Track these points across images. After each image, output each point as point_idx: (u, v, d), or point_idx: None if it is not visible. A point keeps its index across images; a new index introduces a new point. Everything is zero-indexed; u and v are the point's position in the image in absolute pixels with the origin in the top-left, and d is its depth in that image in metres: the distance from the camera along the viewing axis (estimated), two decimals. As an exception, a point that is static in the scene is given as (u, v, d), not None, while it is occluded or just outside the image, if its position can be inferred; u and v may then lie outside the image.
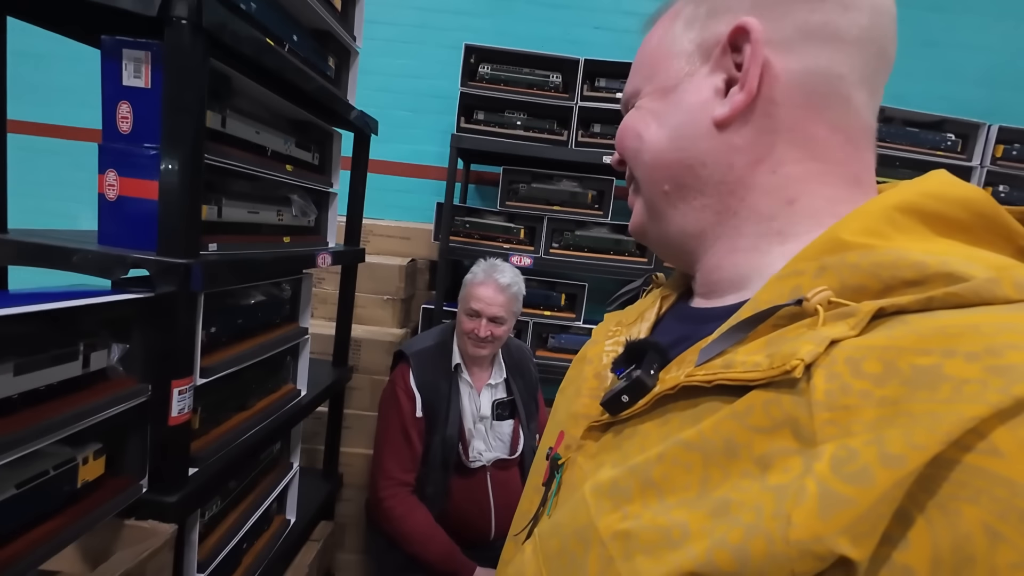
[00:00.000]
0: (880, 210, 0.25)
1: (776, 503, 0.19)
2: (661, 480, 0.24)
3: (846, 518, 0.17)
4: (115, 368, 0.68)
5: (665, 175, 0.34)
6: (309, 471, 1.45)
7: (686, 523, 0.22)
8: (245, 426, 0.94)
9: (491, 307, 1.25)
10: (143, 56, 0.68)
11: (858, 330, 0.21)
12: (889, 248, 0.23)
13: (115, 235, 0.72)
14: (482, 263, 1.35)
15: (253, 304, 0.97)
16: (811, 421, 0.20)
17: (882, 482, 0.17)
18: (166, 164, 0.67)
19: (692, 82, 0.33)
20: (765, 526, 0.19)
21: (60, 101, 2.13)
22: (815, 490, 0.18)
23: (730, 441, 0.22)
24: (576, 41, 2.00)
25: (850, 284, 0.23)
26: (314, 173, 1.14)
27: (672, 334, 0.35)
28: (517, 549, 0.36)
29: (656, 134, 0.34)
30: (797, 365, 0.21)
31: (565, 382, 0.44)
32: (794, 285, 0.25)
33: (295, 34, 0.97)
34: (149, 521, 0.71)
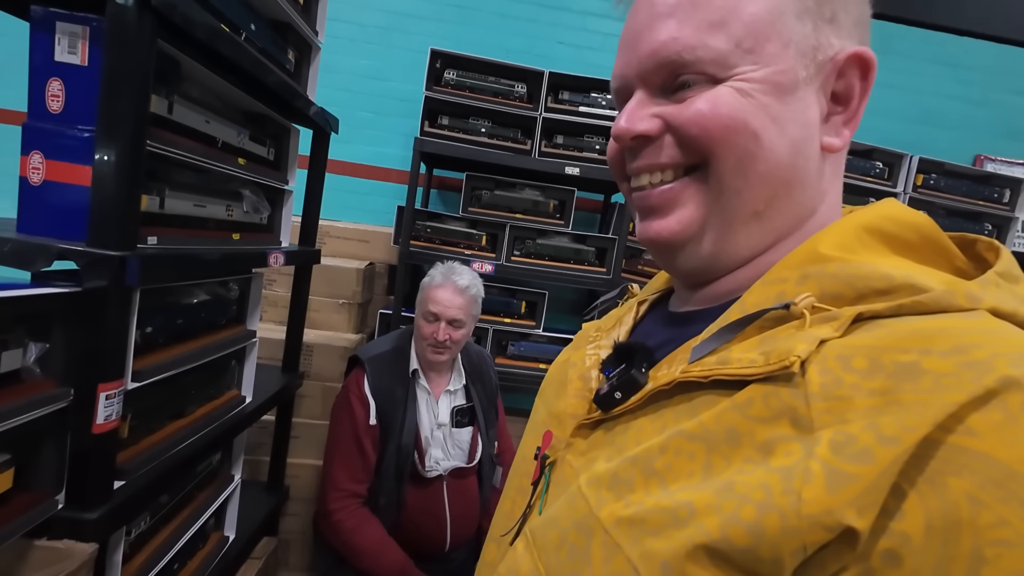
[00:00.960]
0: (851, 229, 0.28)
1: (784, 482, 0.21)
2: (664, 469, 0.26)
3: (852, 492, 0.20)
4: (31, 369, 0.61)
5: (771, 192, 0.30)
6: (252, 484, 1.37)
7: (691, 502, 0.23)
8: (181, 435, 0.87)
9: (449, 309, 1.23)
10: (80, 31, 0.63)
11: (841, 332, 0.24)
12: (861, 262, 0.26)
13: (38, 223, 0.66)
14: (440, 266, 1.33)
15: (196, 304, 0.91)
16: (808, 410, 0.22)
17: (881, 459, 0.20)
18: (102, 148, 0.62)
19: (806, 92, 0.30)
20: (777, 503, 0.21)
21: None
22: (820, 470, 0.21)
23: (732, 431, 0.24)
24: (540, 55, 2.04)
25: (829, 291, 0.26)
26: (269, 168, 1.09)
27: (656, 336, 0.36)
28: (504, 549, 0.36)
29: (778, 142, 0.29)
30: (795, 361, 0.23)
31: (544, 384, 0.45)
32: (779, 291, 0.28)
33: (253, 23, 0.93)
34: (64, 541, 0.63)
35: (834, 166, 0.33)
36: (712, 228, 0.31)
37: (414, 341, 1.32)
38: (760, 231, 0.31)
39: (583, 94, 1.74)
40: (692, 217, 0.31)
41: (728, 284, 0.33)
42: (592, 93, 1.74)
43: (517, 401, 2.11)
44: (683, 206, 0.31)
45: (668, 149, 0.31)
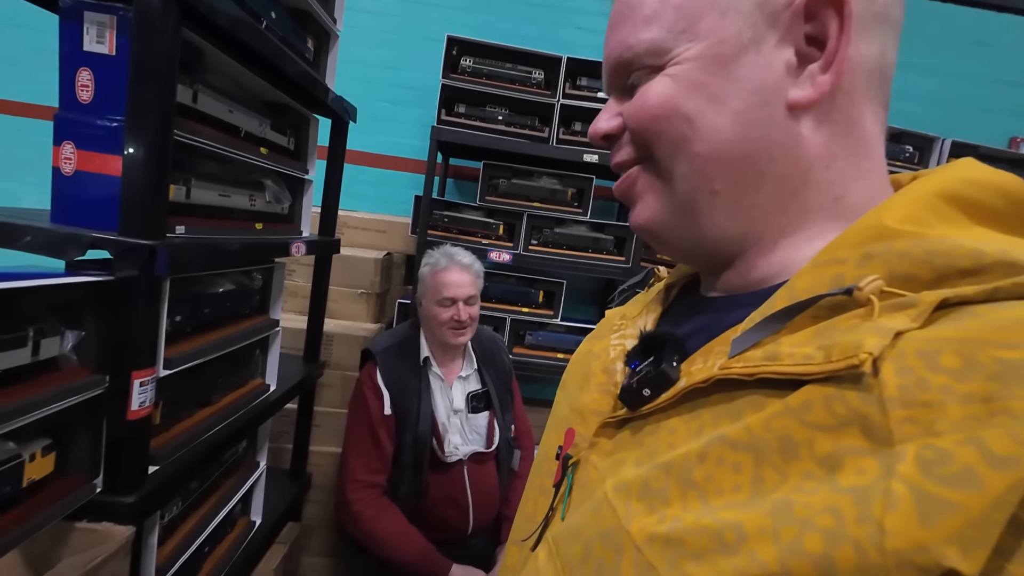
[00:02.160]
0: (921, 197, 0.24)
1: (859, 506, 0.18)
2: (704, 481, 0.23)
3: (954, 525, 0.16)
4: (68, 357, 0.63)
5: (722, 171, 0.29)
6: (276, 471, 1.39)
7: (740, 524, 0.20)
8: (209, 422, 0.89)
9: (463, 288, 1.25)
10: (107, 20, 0.63)
11: (920, 322, 0.20)
12: (940, 236, 0.22)
13: (71, 213, 0.66)
14: (433, 254, 1.33)
15: (221, 293, 0.91)
16: (885, 419, 0.18)
17: (994, 486, 0.16)
18: (131, 138, 0.63)
19: (757, 52, 0.27)
20: (851, 532, 0.17)
21: (2, 74, 1.96)
22: (907, 494, 0.17)
23: (786, 440, 0.21)
24: (558, 41, 2.00)
25: (899, 273, 0.22)
26: (289, 158, 1.09)
27: (687, 325, 0.33)
28: (525, 555, 0.34)
29: (716, 120, 0.28)
30: (866, 359, 0.19)
31: (566, 377, 0.42)
32: (835, 273, 0.24)
33: (273, 11, 0.92)
34: (103, 524, 0.65)
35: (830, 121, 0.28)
36: (678, 213, 0.31)
37: (427, 332, 1.32)
38: (739, 208, 0.29)
39: (601, 80, 1.70)
40: (655, 206, 0.32)
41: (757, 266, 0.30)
42: (611, 79, 1.70)
43: (535, 391, 2.11)
44: (644, 196, 0.32)
45: (625, 146, 0.33)
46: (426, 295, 1.29)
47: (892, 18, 0.27)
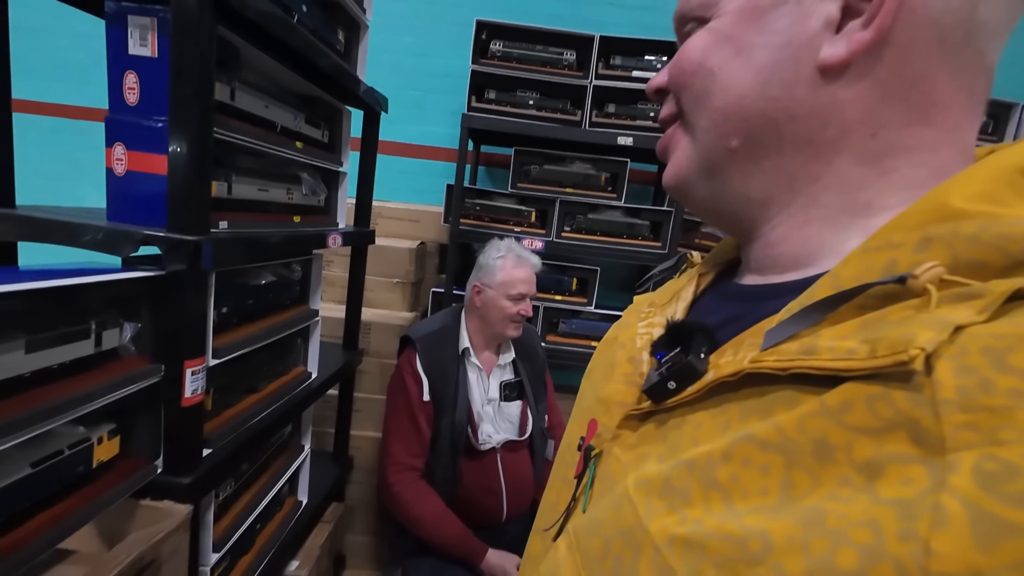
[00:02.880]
0: (997, 172, 0.20)
1: (901, 522, 0.16)
2: (729, 482, 0.21)
3: (1018, 551, 0.14)
4: (127, 347, 0.67)
5: (739, 128, 0.28)
6: (319, 454, 1.45)
7: (766, 532, 0.19)
8: (256, 408, 0.93)
9: (533, 286, 1.31)
10: (149, 23, 0.65)
11: (987, 314, 0.17)
12: (1017, 217, 0.19)
13: (124, 211, 0.70)
14: (500, 247, 1.34)
15: (264, 285, 0.95)
16: (938, 424, 0.16)
17: None
18: (174, 137, 0.65)
19: (798, 4, 0.26)
20: (891, 551, 0.16)
21: (59, 78, 2.09)
22: (962, 512, 0.15)
23: (822, 442, 0.19)
24: (590, 19, 1.93)
25: (965, 260, 0.19)
26: (324, 151, 1.11)
27: (718, 314, 0.31)
28: (547, 545, 0.34)
29: (738, 74, 0.27)
30: (917, 355, 0.17)
31: (592, 365, 0.41)
32: (888, 259, 0.21)
33: (304, 4, 0.93)
34: (164, 502, 0.70)
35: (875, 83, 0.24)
36: (700, 170, 0.31)
37: (480, 321, 1.33)
38: (758, 169, 0.28)
39: (636, 57, 1.64)
40: (681, 160, 0.32)
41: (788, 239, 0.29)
42: (646, 55, 1.63)
43: (568, 379, 2.10)
44: (674, 151, 0.33)
45: (668, 102, 0.33)
46: (496, 287, 1.29)
47: None
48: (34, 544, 0.52)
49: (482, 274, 1.32)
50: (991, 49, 0.24)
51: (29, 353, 0.52)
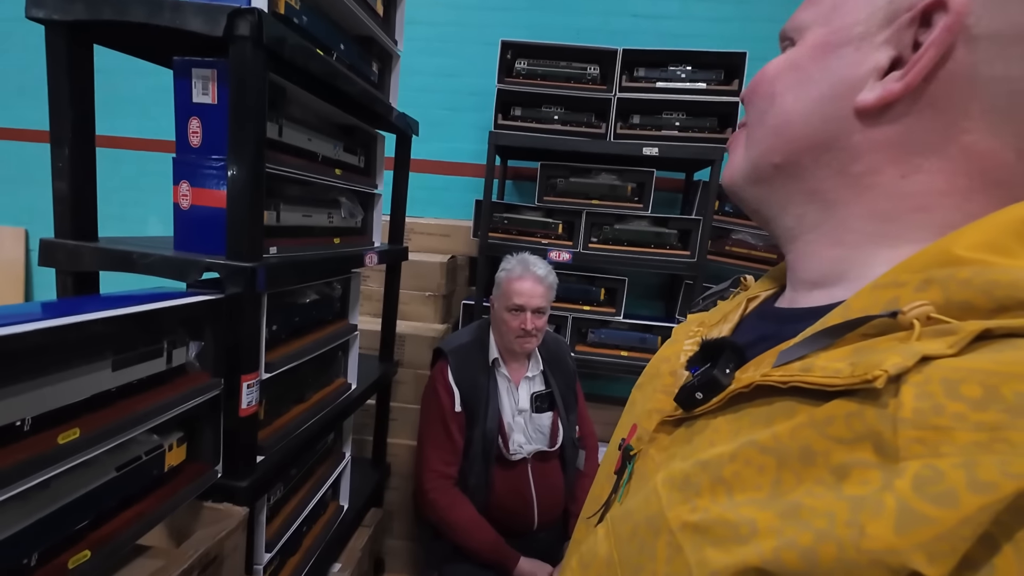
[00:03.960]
0: (1007, 223, 0.22)
1: (850, 512, 0.20)
2: (732, 478, 0.25)
3: (923, 535, 0.18)
4: (192, 364, 0.74)
5: (783, 148, 0.31)
6: (359, 460, 1.52)
7: (754, 520, 0.22)
8: (303, 417, 1.00)
9: (533, 299, 1.28)
10: (210, 74, 0.73)
11: (957, 349, 0.20)
12: (1009, 266, 0.21)
13: (189, 241, 0.78)
14: (511, 259, 1.36)
15: (308, 303, 1.02)
16: (895, 437, 0.20)
17: (967, 506, 0.17)
18: (232, 174, 0.72)
19: (857, 48, 0.28)
20: (837, 533, 0.19)
21: (124, 114, 2.28)
22: (893, 505, 0.19)
23: (807, 448, 0.22)
24: (615, 31, 1.96)
25: (956, 301, 0.22)
26: (360, 176, 1.18)
27: (752, 333, 0.35)
28: (589, 530, 0.38)
29: (792, 101, 0.30)
30: (880, 376, 0.20)
31: (642, 378, 0.46)
32: (892, 296, 0.24)
33: (342, 42, 1.00)
34: (224, 504, 0.77)
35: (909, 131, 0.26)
36: (747, 176, 0.34)
37: (496, 334, 1.37)
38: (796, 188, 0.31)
39: (660, 68, 1.65)
40: (734, 164, 0.35)
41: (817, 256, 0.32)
42: (669, 66, 1.65)
43: (598, 388, 2.11)
44: (732, 154, 0.36)
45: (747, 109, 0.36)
46: (499, 299, 1.34)
47: None
48: (121, 538, 0.59)
49: (494, 287, 1.37)
50: None
51: (115, 371, 0.60)
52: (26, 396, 0.49)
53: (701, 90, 1.63)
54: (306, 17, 0.86)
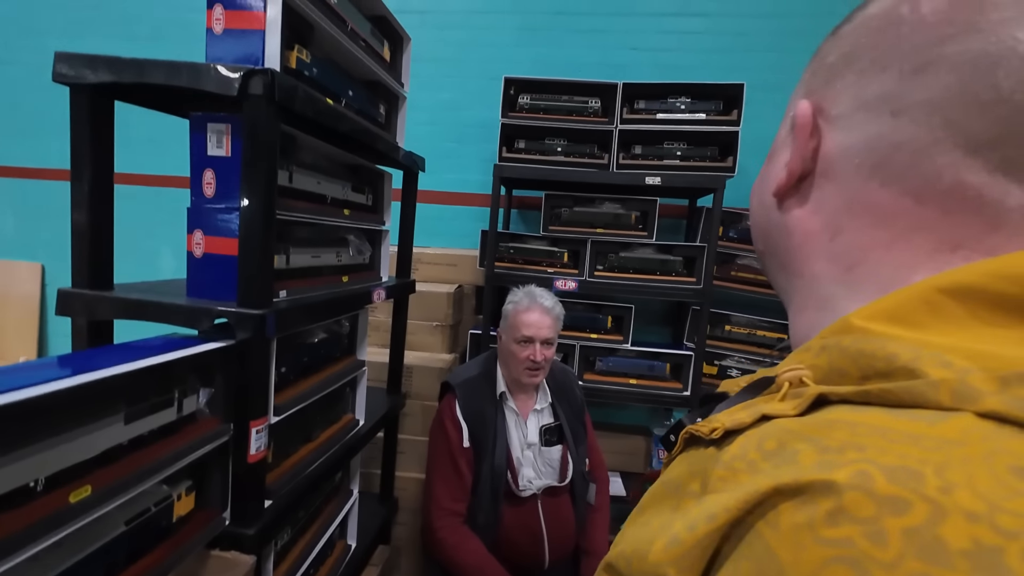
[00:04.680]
0: (920, 292, 0.24)
1: (659, 531, 0.24)
2: (646, 503, 0.30)
3: (675, 554, 0.22)
4: (202, 411, 0.75)
5: (757, 236, 0.38)
6: (366, 495, 1.51)
7: (624, 532, 0.28)
8: (311, 457, 1.00)
9: (541, 330, 1.29)
10: (224, 128, 0.76)
11: (798, 411, 0.24)
12: (881, 336, 0.23)
13: (201, 288, 0.80)
14: (517, 291, 1.37)
15: (316, 342, 1.03)
16: (710, 476, 0.24)
17: (700, 532, 0.22)
18: (244, 223, 0.74)
19: (780, 153, 0.34)
20: (643, 546, 0.24)
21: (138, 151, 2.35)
22: (675, 528, 0.23)
23: (679, 480, 0.27)
24: (614, 64, 2.01)
25: (836, 367, 0.24)
26: (368, 213, 1.21)
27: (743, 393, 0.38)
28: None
29: (754, 205, 0.38)
30: (716, 428, 0.26)
31: None
32: (799, 360, 0.27)
33: (350, 89, 1.04)
34: (231, 552, 0.76)
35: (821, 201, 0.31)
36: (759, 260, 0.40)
37: (503, 366, 1.36)
38: (774, 269, 0.36)
39: (659, 100, 1.69)
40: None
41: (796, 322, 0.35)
42: (668, 98, 1.68)
43: (608, 416, 2.09)
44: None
45: None
46: (507, 331, 1.34)
47: (899, 99, 0.27)
48: (128, 596, 0.59)
49: (501, 320, 1.38)
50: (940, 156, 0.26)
51: (128, 424, 0.60)
52: (41, 456, 0.50)
53: (701, 120, 1.65)
54: (316, 69, 0.89)
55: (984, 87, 0.24)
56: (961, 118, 0.26)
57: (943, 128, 0.26)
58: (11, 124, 2.49)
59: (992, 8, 0.24)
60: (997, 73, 0.24)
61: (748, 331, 1.90)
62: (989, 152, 0.25)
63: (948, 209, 0.27)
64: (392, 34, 1.20)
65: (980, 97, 0.25)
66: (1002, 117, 0.25)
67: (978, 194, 0.26)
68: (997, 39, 0.24)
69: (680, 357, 1.76)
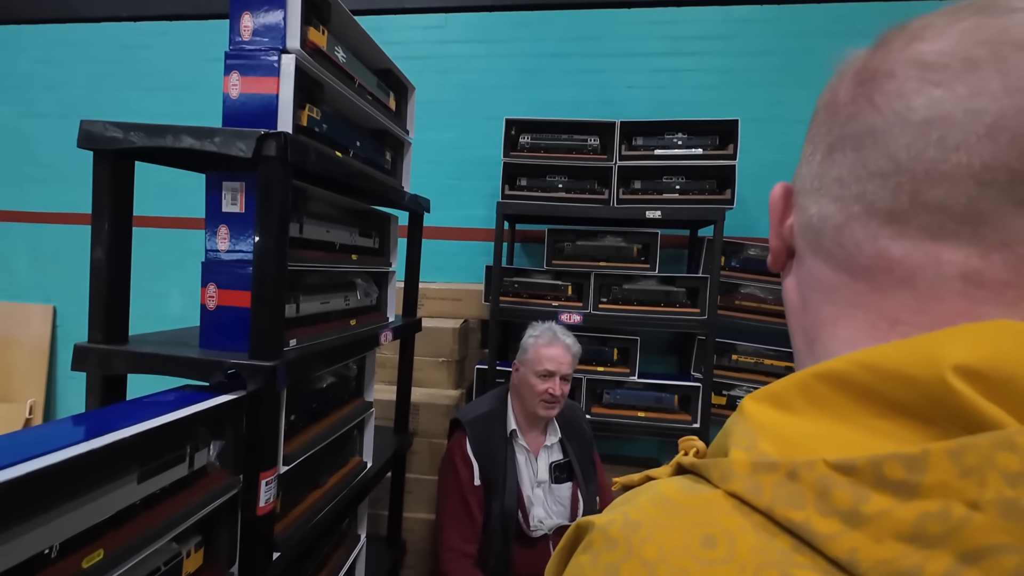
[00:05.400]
0: (802, 377, 0.25)
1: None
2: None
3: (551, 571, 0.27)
4: (213, 464, 0.75)
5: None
6: (373, 538, 1.48)
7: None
8: (319, 504, 0.99)
9: (563, 366, 1.31)
10: (239, 187, 0.79)
11: (667, 475, 0.28)
12: (746, 417, 0.25)
13: (214, 340, 0.82)
14: (538, 327, 1.39)
15: (325, 387, 1.04)
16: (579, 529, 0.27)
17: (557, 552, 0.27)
18: (256, 275, 0.77)
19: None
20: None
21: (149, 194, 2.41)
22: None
23: None
24: (610, 102, 2.08)
25: (717, 442, 0.28)
26: (375, 257, 1.23)
27: None
28: None
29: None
30: (617, 483, 0.31)
31: None
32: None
33: (358, 139, 1.08)
34: (240, 610, 0.75)
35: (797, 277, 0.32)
36: None
37: (518, 399, 1.36)
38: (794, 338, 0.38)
39: (657, 137, 1.73)
40: None
41: None
42: (665, 135, 1.72)
43: (616, 448, 2.06)
44: None
45: None
46: (526, 364, 1.35)
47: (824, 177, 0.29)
48: (137, 663, 0.58)
49: (520, 352, 1.38)
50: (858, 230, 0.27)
51: (141, 483, 0.61)
52: (57, 522, 0.50)
53: (698, 155, 1.69)
54: (326, 125, 0.93)
55: (882, 159, 0.25)
56: (869, 191, 0.26)
57: (856, 201, 0.27)
58: (30, 172, 2.58)
59: (887, 80, 0.25)
60: (891, 145, 0.24)
61: (755, 360, 1.89)
62: (904, 221, 0.25)
63: (878, 283, 0.27)
64: (397, 84, 1.26)
65: (882, 168, 0.25)
66: (904, 186, 0.25)
67: (905, 264, 0.25)
68: (891, 111, 0.24)
69: (688, 388, 1.75)
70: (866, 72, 0.26)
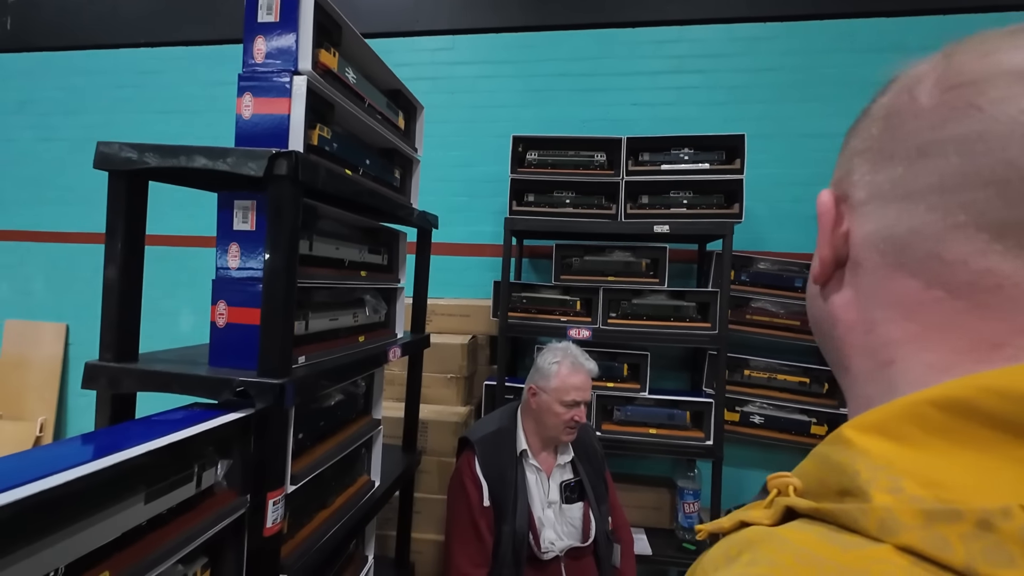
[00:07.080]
0: (910, 404, 0.23)
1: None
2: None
3: None
4: (220, 483, 0.74)
5: (811, 324, 0.36)
6: (381, 560, 1.45)
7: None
8: (327, 525, 0.97)
9: (586, 393, 1.30)
10: (250, 205, 0.80)
11: (772, 521, 0.24)
12: (858, 451, 0.23)
13: (223, 357, 0.82)
14: (556, 350, 1.35)
15: (333, 405, 1.03)
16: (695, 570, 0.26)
17: None
18: (266, 293, 0.77)
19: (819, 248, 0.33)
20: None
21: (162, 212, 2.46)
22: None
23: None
24: (616, 119, 2.09)
25: (818, 478, 0.25)
26: (384, 273, 1.24)
27: None
28: None
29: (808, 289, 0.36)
30: (701, 531, 0.29)
31: None
32: (800, 467, 0.27)
33: (367, 158, 1.10)
34: (245, 635, 0.73)
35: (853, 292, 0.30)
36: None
37: (534, 422, 1.33)
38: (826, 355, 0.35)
39: (663, 152, 1.74)
40: None
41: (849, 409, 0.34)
42: (671, 150, 1.73)
43: (627, 466, 2.01)
44: None
45: None
46: (550, 392, 1.30)
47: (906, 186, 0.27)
48: None
49: (538, 377, 1.33)
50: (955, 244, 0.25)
51: (148, 503, 0.60)
52: (63, 544, 0.49)
53: (705, 170, 1.69)
54: (336, 144, 0.94)
55: (1000, 165, 0.23)
56: (980, 200, 0.24)
57: (963, 211, 0.25)
58: (48, 195, 2.64)
59: (990, 87, 0.24)
60: (1010, 150, 0.22)
61: (768, 375, 1.85)
62: (1019, 234, 0.23)
63: (982, 301, 0.24)
64: (406, 104, 1.28)
65: (997, 176, 0.23)
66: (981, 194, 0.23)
67: (1017, 283, 0.23)
68: (1006, 116, 0.23)
69: (700, 404, 1.72)
70: (954, 78, 0.25)
